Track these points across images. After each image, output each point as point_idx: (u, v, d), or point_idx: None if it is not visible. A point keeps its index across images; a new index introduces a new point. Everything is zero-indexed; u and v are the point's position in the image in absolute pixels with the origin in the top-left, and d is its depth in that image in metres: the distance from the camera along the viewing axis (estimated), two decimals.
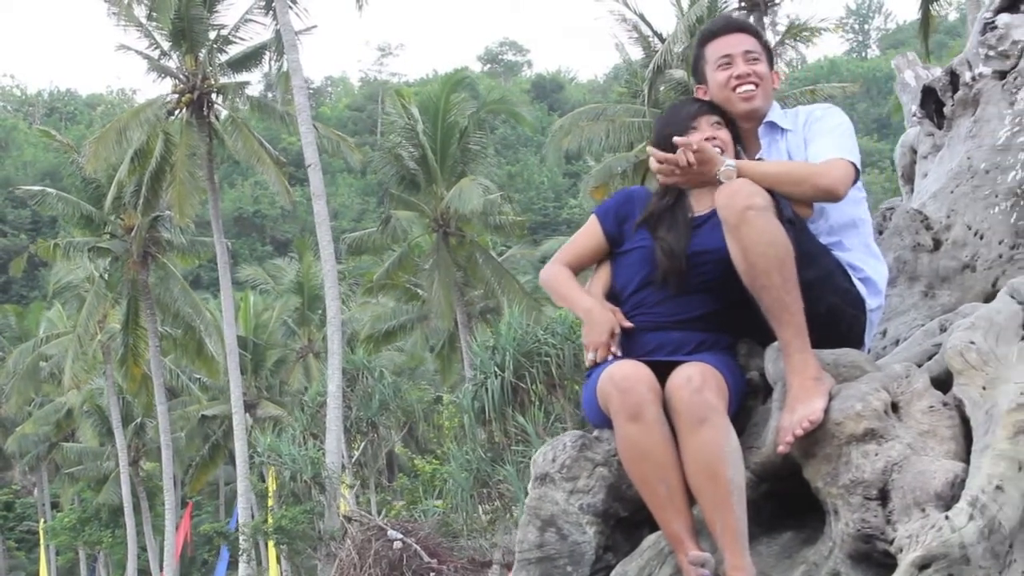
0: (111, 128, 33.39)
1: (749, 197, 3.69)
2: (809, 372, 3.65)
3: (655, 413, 3.64)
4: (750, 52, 4.20)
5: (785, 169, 3.94)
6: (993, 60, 4.71)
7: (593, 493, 3.81)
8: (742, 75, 4.16)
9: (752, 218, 3.67)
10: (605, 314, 3.96)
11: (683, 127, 4.08)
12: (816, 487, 3.63)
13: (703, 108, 4.16)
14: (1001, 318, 3.70)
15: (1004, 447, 3.45)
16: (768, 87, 4.22)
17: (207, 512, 57.00)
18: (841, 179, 3.92)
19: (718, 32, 4.28)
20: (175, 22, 32.75)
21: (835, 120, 4.13)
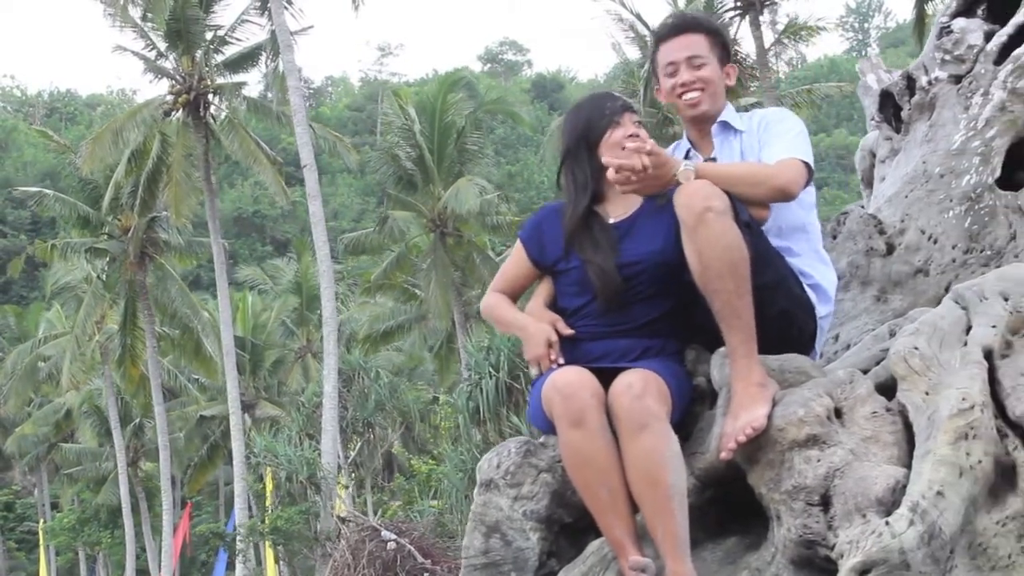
0: (107, 129, 33.42)
1: (708, 199, 3.68)
2: (754, 378, 3.65)
3: (597, 419, 3.64)
4: (695, 58, 4.18)
5: (743, 171, 3.94)
6: (949, 64, 4.72)
7: (537, 499, 3.82)
8: (686, 83, 4.17)
9: (710, 220, 3.66)
10: (540, 326, 3.96)
11: (607, 122, 4.04)
12: (760, 493, 3.64)
13: (625, 104, 4.13)
14: (945, 323, 3.71)
15: (945, 452, 3.46)
16: (716, 89, 4.21)
17: (207, 512, 57.02)
18: (795, 179, 3.92)
19: (666, 36, 4.27)
20: (171, 23, 32.77)
21: (790, 123, 4.14)
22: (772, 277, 3.84)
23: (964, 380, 3.53)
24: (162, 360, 42.04)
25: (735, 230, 3.68)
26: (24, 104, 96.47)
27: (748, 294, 3.68)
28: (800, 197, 4.03)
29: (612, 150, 4.00)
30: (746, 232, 3.72)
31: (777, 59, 51.94)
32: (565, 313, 4.01)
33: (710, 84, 4.19)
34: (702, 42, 4.21)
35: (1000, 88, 4.55)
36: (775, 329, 3.83)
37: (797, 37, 38.37)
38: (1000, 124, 4.55)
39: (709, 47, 4.21)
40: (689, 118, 4.23)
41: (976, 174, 4.49)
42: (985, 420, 3.49)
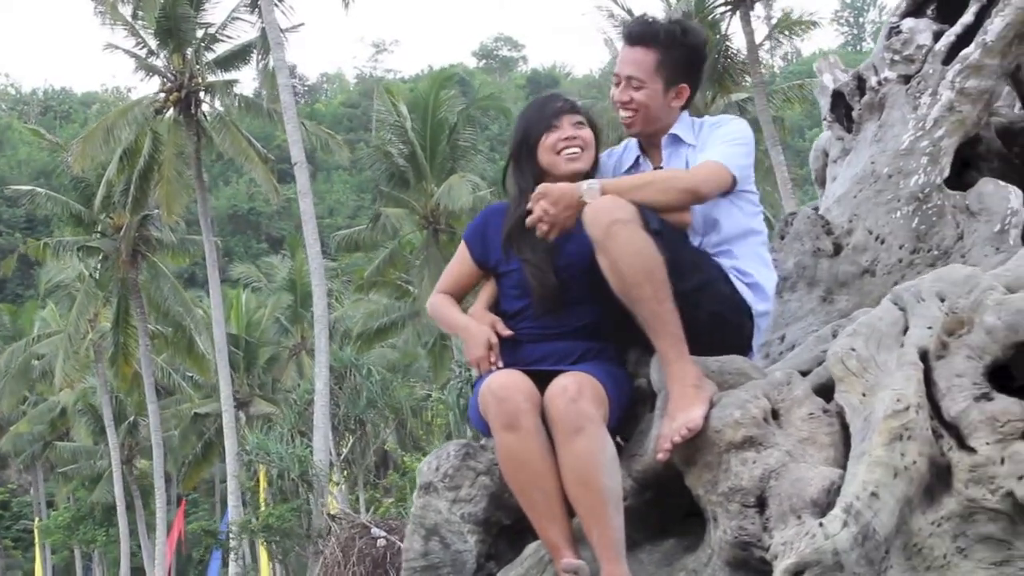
0: (98, 127, 33.45)
1: (612, 212, 3.71)
2: (689, 380, 3.67)
3: (532, 422, 3.66)
4: (633, 79, 4.14)
5: (647, 179, 3.96)
6: (898, 65, 4.73)
7: (475, 502, 3.84)
8: (622, 102, 4.17)
9: (617, 232, 3.69)
10: (481, 328, 3.98)
11: (544, 126, 4.07)
12: (697, 495, 3.65)
13: (564, 106, 4.13)
14: (883, 325, 3.72)
15: (880, 454, 3.47)
16: (652, 113, 4.17)
17: (204, 509, 57.08)
18: (705, 179, 3.95)
19: (624, 41, 4.23)
20: (161, 20, 32.76)
21: (729, 128, 4.14)
22: (696, 281, 3.86)
23: (900, 381, 3.54)
24: (156, 358, 42.04)
25: (645, 238, 3.71)
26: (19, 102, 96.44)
27: (669, 299, 3.70)
28: (740, 204, 4.06)
29: (547, 153, 4.07)
30: (659, 240, 3.74)
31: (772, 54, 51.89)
32: (507, 315, 4.03)
33: (643, 108, 4.16)
34: (650, 61, 4.14)
35: (948, 88, 4.56)
36: (708, 332, 3.85)
37: (792, 32, 38.39)
38: (948, 124, 4.56)
39: (655, 67, 4.14)
40: (628, 134, 4.25)
41: (924, 174, 4.50)
42: (920, 421, 3.51)
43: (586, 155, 4.08)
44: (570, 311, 3.90)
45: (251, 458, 29.47)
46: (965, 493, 3.50)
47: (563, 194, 3.82)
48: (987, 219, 4.40)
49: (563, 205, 3.81)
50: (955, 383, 3.55)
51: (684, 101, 4.23)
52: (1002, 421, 3.48)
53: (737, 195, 4.09)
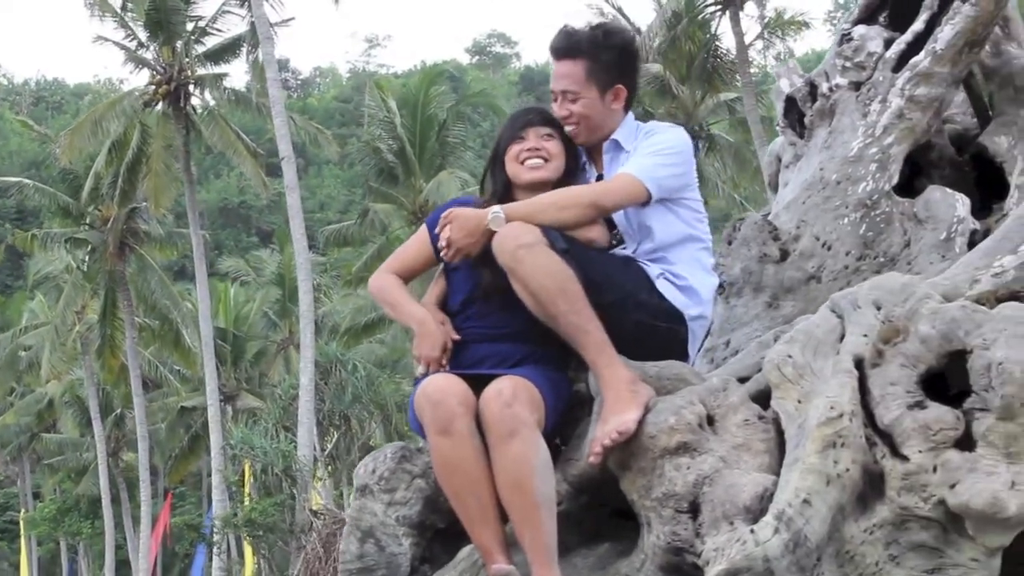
0: (86, 119, 33.45)
1: (517, 238, 3.77)
2: (622, 385, 3.68)
3: (465, 426, 3.67)
4: (568, 92, 4.16)
5: (549, 198, 3.99)
6: (850, 71, 4.74)
7: (410, 505, 3.85)
8: (563, 117, 4.19)
9: (524, 256, 3.75)
10: (439, 328, 3.99)
11: (513, 137, 4.16)
12: (632, 499, 3.66)
13: (533, 119, 4.19)
14: (820, 332, 3.73)
15: (813, 461, 3.48)
16: (594, 121, 4.19)
17: (191, 503, 57.02)
18: (607, 192, 4.01)
19: (552, 59, 4.27)
20: (151, 13, 32.74)
21: (657, 139, 4.15)
22: (613, 296, 3.89)
23: (834, 389, 3.55)
24: (143, 351, 42.03)
25: (552, 256, 3.76)
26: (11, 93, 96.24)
27: (587, 309, 3.75)
28: (678, 211, 4.08)
29: (512, 163, 4.16)
30: (567, 258, 3.79)
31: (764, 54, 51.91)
32: (453, 311, 4.05)
33: (584, 118, 4.18)
34: (580, 71, 4.16)
35: (898, 96, 4.58)
36: (637, 341, 3.89)
37: (784, 32, 38.43)
38: (898, 131, 4.57)
39: (587, 75, 4.16)
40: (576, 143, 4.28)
41: (873, 181, 4.52)
42: (854, 429, 3.52)
43: (551, 165, 4.13)
44: (516, 312, 3.90)
45: (235, 452, 29.47)
46: (898, 501, 3.51)
47: (469, 220, 3.91)
48: (933, 227, 4.42)
49: (467, 231, 3.90)
50: (889, 391, 3.57)
51: (624, 102, 4.25)
52: (935, 429, 3.49)
53: (675, 202, 4.11)
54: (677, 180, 4.11)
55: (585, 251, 3.93)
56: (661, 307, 3.99)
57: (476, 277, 3.99)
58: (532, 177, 4.10)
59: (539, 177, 4.08)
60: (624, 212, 4.11)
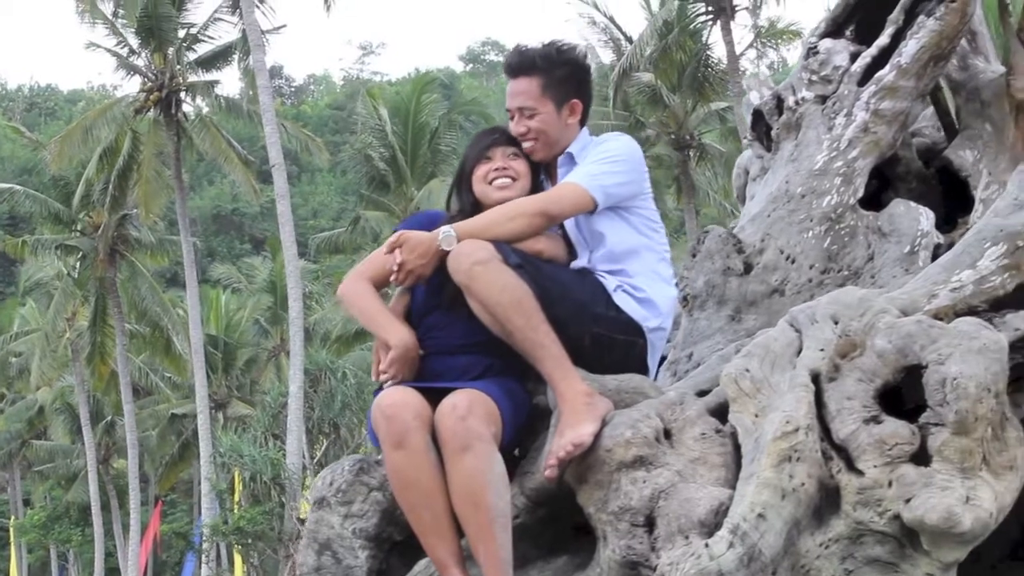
0: (77, 126, 33.51)
1: (471, 255, 3.79)
2: (579, 398, 3.69)
3: (420, 440, 3.67)
4: (524, 109, 4.19)
5: (497, 212, 4.01)
6: (816, 85, 4.75)
7: (367, 517, 3.86)
8: (520, 134, 4.21)
9: (478, 273, 3.77)
10: (411, 343, 3.98)
11: (479, 157, 4.18)
12: (588, 513, 3.66)
13: (499, 139, 4.21)
14: (777, 346, 3.74)
15: (768, 475, 3.48)
16: (551, 137, 4.21)
17: (182, 510, 56.92)
18: (553, 200, 4.03)
19: (507, 77, 4.28)
20: (143, 20, 32.80)
21: (605, 147, 4.18)
22: (567, 309, 3.90)
23: (790, 403, 3.55)
24: (134, 358, 42.00)
25: (506, 272, 3.78)
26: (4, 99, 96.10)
27: (543, 324, 3.77)
28: (630, 219, 4.09)
29: (479, 183, 4.19)
30: (522, 273, 3.80)
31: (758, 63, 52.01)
32: (413, 323, 4.05)
33: (542, 134, 4.20)
34: (534, 88, 4.18)
35: (863, 109, 4.58)
36: (595, 355, 3.91)
37: (777, 41, 38.51)
38: (863, 145, 4.58)
39: (541, 91, 4.18)
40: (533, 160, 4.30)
41: (837, 194, 4.52)
42: (809, 443, 3.52)
43: (518, 185, 4.15)
44: (477, 325, 3.90)
45: (224, 460, 29.43)
46: (853, 515, 3.51)
47: (420, 243, 3.90)
48: (897, 240, 4.42)
49: (419, 253, 3.89)
50: (845, 405, 3.57)
51: (579, 116, 4.27)
52: (890, 444, 3.50)
53: (627, 210, 4.13)
54: (625, 188, 4.12)
55: (539, 265, 3.94)
56: (619, 320, 4.00)
57: (438, 289, 4.00)
58: (501, 196, 4.11)
59: (508, 197, 4.09)
60: (575, 221, 4.14)
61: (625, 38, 36.23)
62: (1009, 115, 4.79)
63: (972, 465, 3.48)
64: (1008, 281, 3.84)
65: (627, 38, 36.02)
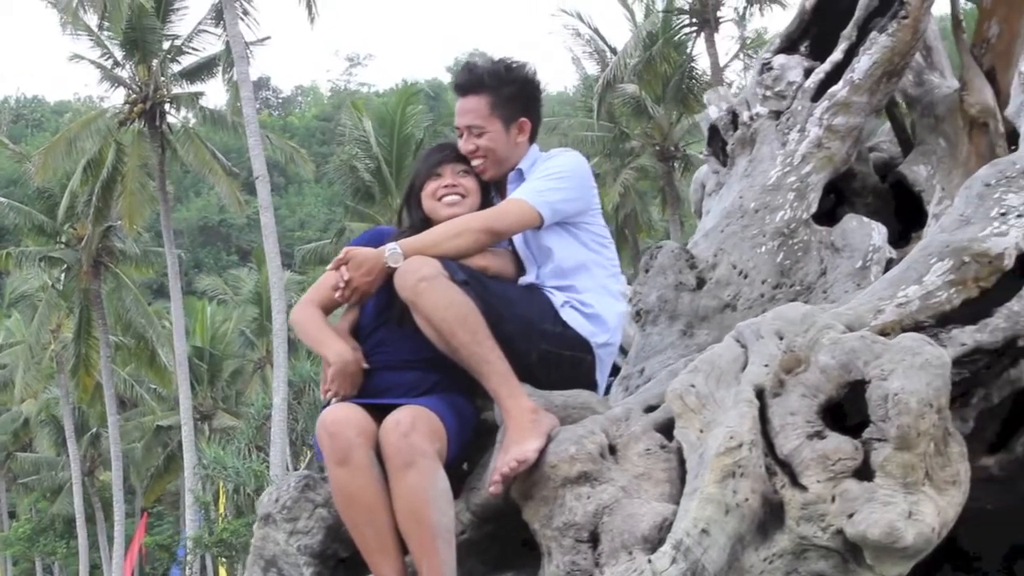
0: (61, 138, 33.53)
1: (416, 271, 3.80)
2: (524, 415, 3.69)
3: (364, 457, 3.67)
4: (473, 127, 4.20)
5: (443, 229, 4.02)
6: (770, 100, 4.77)
7: (312, 534, 3.86)
8: (469, 152, 4.22)
9: (424, 289, 3.77)
10: (356, 368, 3.98)
11: (429, 174, 4.19)
12: (533, 529, 3.66)
13: (448, 156, 4.22)
14: (723, 361, 3.75)
15: (712, 491, 3.48)
16: (500, 154, 4.22)
17: (168, 522, 56.74)
18: (498, 216, 4.05)
19: (456, 95, 4.29)
20: (127, 32, 32.79)
21: (552, 163, 4.19)
22: (514, 325, 3.91)
23: (734, 419, 3.56)
24: (119, 370, 41.91)
25: (452, 288, 3.79)
26: None
27: (488, 340, 3.78)
28: (579, 235, 4.11)
29: (429, 200, 4.20)
30: (468, 289, 3.81)
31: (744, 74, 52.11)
32: (361, 339, 4.06)
33: (490, 152, 4.21)
34: (483, 106, 4.19)
35: (816, 125, 4.61)
36: (543, 371, 3.92)
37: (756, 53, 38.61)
38: (816, 160, 4.60)
39: (490, 109, 4.19)
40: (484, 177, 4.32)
41: (791, 209, 4.54)
42: (753, 458, 3.52)
43: (467, 202, 4.16)
44: (425, 341, 3.91)
45: (208, 472, 29.41)
46: (797, 530, 3.52)
47: (366, 259, 3.91)
48: (849, 255, 4.44)
49: (365, 270, 3.91)
50: (789, 421, 3.57)
51: (528, 135, 4.28)
52: (833, 459, 3.50)
53: (575, 226, 4.15)
54: (571, 204, 4.14)
55: (486, 281, 3.95)
56: (566, 336, 4.01)
57: (387, 305, 4.00)
58: (450, 213, 4.12)
59: (457, 213, 4.10)
60: (524, 237, 4.15)
61: (610, 50, 36.31)
62: (963, 130, 4.82)
63: (915, 480, 3.48)
64: (954, 296, 3.85)
65: (612, 50, 36.11)
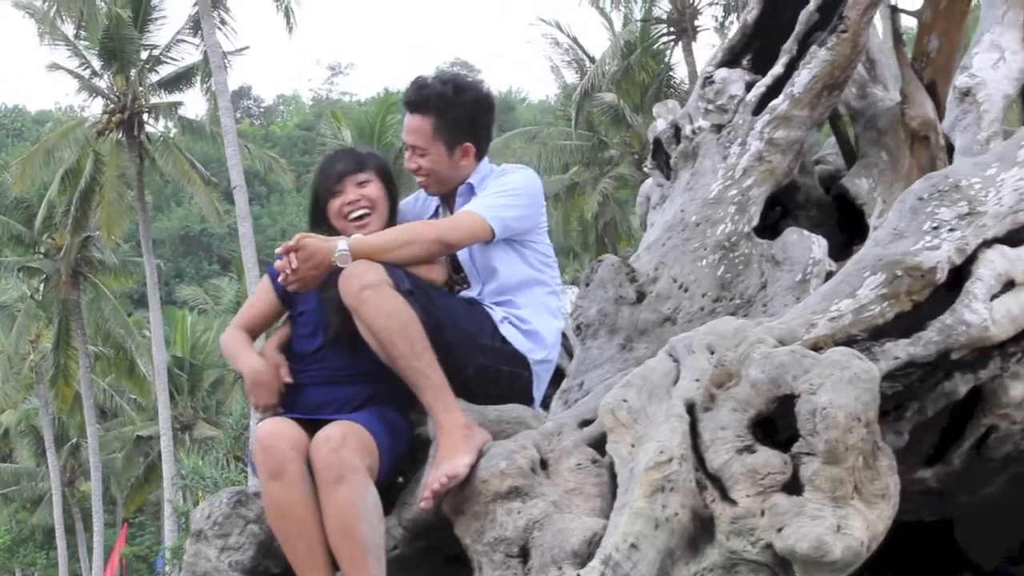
0: (39, 148, 33.49)
1: (361, 277, 3.78)
2: (457, 430, 3.71)
3: (296, 471, 3.68)
4: (416, 147, 4.21)
5: (393, 234, 4.01)
6: (711, 114, 4.78)
7: (243, 550, 3.86)
8: (410, 169, 4.23)
9: (367, 297, 3.76)
10: (272, 375, 4.01)
11: (330, 192, 4.15)
12: (465, 544, 3.67)
13: (345, 168, 4.17)
14: (656, 376, 3.76)
15: (641, 505, 3.49)
16: (441, 175, 4.25)
17: (150, 532, 56.49)
18: (451, 228, 4.05)
19: (404, 110, 4.29)
20: (104, 41, 32.74)
21: (505, 180, 4.21)
22: (458, 338, 3.92)
23: (664, 433, 3.57)
24: (99, 380, 41.78)
25: (395, 297, 3.78)
26: None
27: (427, 352, 3.78)
28: (524, 253, 4.12)
29: (336, 219, 4.17)
30: (412, 299, 3.81)
31: None
32: (299, 356, 4.06)
33: (433, 172, 4.24)
34: (427, 127, 4.20)
35: (757, 139, 4.62)
36: (480, 385, 3.93)
37: None
38: (757, 174, 4.61)
39: (434, 132, 4.19)
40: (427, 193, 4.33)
41: (732, 223, 4.55)
42: (683, 473, 3.53)
43: (376, 213, 4.16)
44: (361, 354, 3.92)
45: (186, 483, 29.31)
46: (726, 545, 3.52)
47: (316, 252, 3.86)
48: (790, 268, 4.45)
49: (313, 264, 3.87)
50: (719, 435, 3.58)
51: (472, 158, 4.28)
52: (763, 473, 3.51)
53: (522, 244, 4.16)
54: (523, 222, 4.15)
55: (430, 293, 3.95)
56: (504, 351, 4.03)
57: (320, 321, 4.01)
58: (361, 229, 4.09)
59: (370, 229, 4.09)
60: (469, 252, 4.15)
61: (588, 58, 36.38)
62: (904, 143, 4.84)
63: (843, 494, 3.50)
64: (887, 310, 3.86)
65: (591, 58, 36.18)
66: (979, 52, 4.31)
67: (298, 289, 3.91)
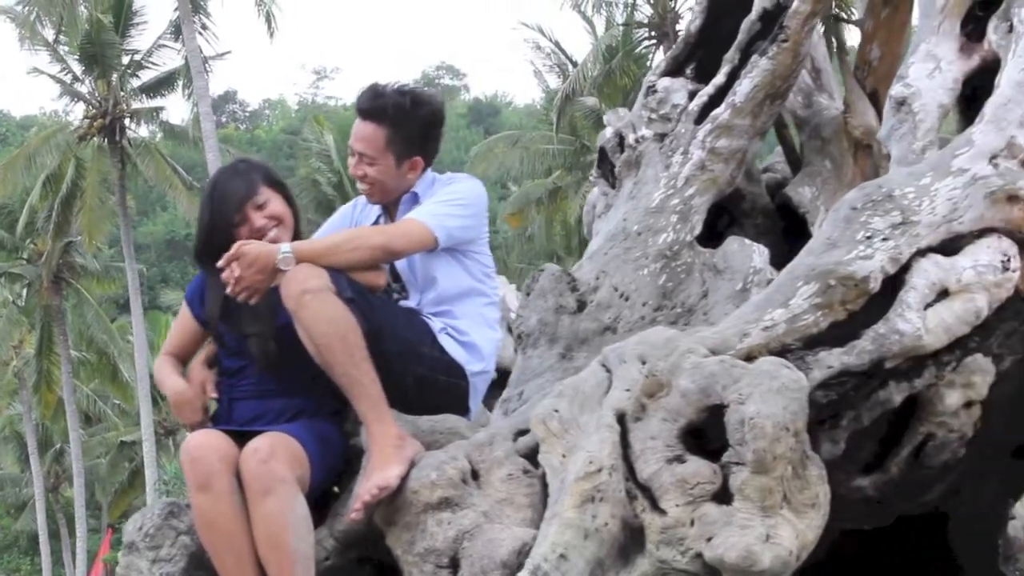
0: (20, 154, 33.38)
1: (303, 282, 3.76)
2: (389, 440, 3.71)
3: (225, 483, 3.68)
4: (365, 156, 4.18)
5: (338, 239, 4.01)
6: (654, 123, 4.81)
7: (175, 562, 3.85)
8: (355, 176, 4.22)
9: (308, 302, 3.74)
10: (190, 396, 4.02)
11: (232, 223, 4.02)
12: (396, 555, 3.68)
13: (244, 192, 4.05)
14: (587, 386, 3.76)
15: (570, 515, 3.50)
16: (387, 186, 4.22)
17: None
18: (396, 235, 4.03)
19: (357, 116, 4.24)
20: (85, 46, 32.65)
21: (451, 188, 4.20)
22: (396, 346, 3.91)
23: (594, 443, 3.58)
24: (82, 386, 41.67)
25: (336, 304, 3.76)
26: None
27: (365, 361, 3.76)
28: (466, 263, 4.12)
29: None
30: (354, 307, 3.79)
31: None
32: (228, 372, 4.05)
33: (378, 182, 4.21)
34: (380, 138, 4.15)
35: (700, 148, 4.64)
36: (417, 395, 3.93)
37: None
38: (699, 183, 4.63)
39: (385, 144, 4.15)
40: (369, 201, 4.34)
41: (674, 232, 4.57)
42: (613, 483, 3.54)
43: (285, 225, 4.08)
44: (291, 368, 3.92)
45: (169, 488, 29.27)
46: (656, 555, 3.53)
47: (259, 256, 3.81)
48: (730, 277, 4.47)
49: (256, 268, 3.81)
50: (649, 445, 3.59)
51: (419, 172, 4.27)
52: (692, 483, 3.53)
53: (464, 253, 4.16)
54: (467, 232, 4.15)
55: (371, 301, 3.93)
56: (442, 361, 4.03)
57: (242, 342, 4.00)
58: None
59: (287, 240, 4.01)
60: (409, 262, 4.15)
61: (571, 63, 36.39)
62: (847, 152, 4.87)
63: (772, 503, 3.51)
64: (821, 319, 3.87)
65: (573, 63, 36.18)
66: (915, 62, 4.32)
67: (247, 297, 3.84)
